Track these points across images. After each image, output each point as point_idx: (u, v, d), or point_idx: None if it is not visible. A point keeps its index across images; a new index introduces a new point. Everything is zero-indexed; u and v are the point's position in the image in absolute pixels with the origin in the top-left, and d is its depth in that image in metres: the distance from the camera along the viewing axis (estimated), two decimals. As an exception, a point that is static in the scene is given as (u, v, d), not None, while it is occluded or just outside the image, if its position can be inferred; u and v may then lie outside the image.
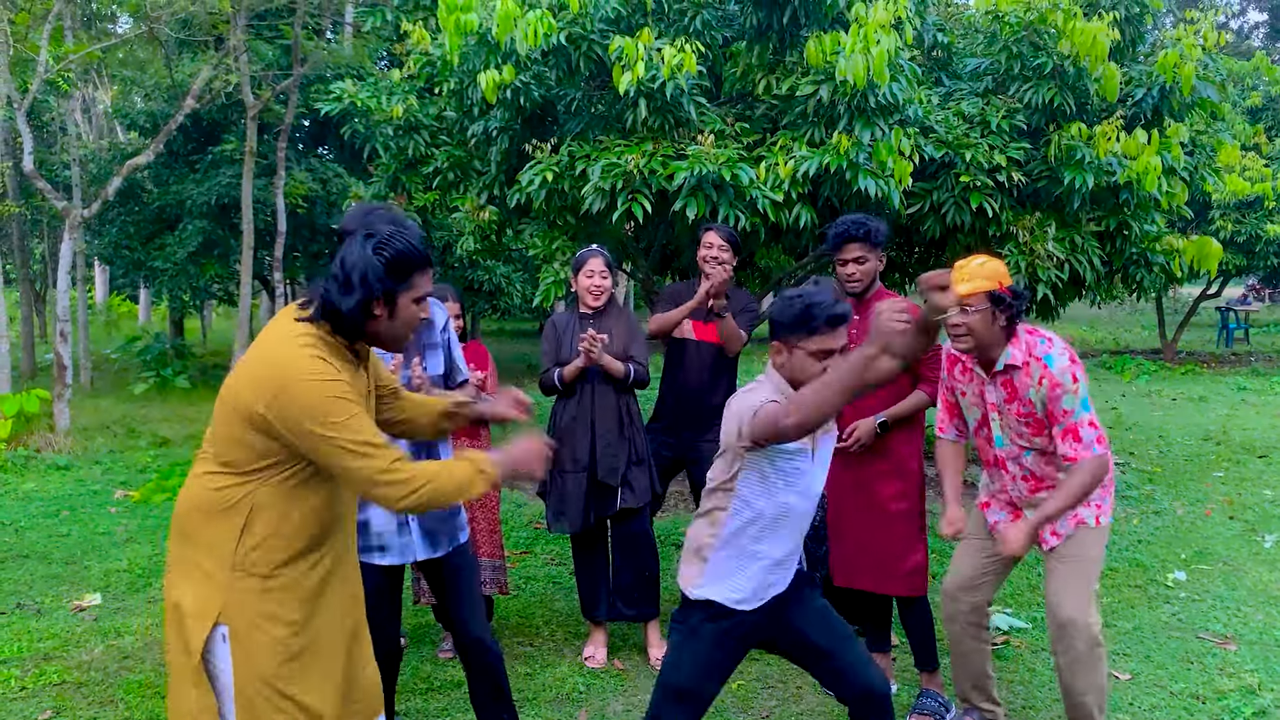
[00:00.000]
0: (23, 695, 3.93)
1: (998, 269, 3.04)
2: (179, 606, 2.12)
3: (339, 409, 2.03)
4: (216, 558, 2.10)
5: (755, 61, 5.73)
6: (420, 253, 2.18)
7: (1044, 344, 3.05)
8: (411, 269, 2.17)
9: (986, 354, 3.11)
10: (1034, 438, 3.11)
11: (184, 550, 2.16)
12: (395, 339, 2.22)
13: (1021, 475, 3.19)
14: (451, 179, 6.58)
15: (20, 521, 6.59)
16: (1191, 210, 6.99)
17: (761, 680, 3.98)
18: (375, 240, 2.13)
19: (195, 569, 2.12)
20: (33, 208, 16.19)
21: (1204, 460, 8.30)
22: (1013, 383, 3.10)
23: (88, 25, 14.42)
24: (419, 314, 2.23)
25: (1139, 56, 6.49)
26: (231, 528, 2.10)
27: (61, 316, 9.85)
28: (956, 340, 3.10)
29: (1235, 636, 4.41)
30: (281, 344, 2.10)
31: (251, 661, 2.09)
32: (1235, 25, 35.56)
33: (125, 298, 26.90)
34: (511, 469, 2.26)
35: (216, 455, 2.14)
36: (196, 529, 2.13)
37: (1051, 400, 3.01)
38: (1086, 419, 3.00)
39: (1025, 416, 3.10)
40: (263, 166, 13.27)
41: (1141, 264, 6.45)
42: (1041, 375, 3.02)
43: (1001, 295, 3.01)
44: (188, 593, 2.11)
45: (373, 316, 2.15)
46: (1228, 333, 18.85)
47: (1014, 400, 3.11)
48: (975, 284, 3.00)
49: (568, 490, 4.13)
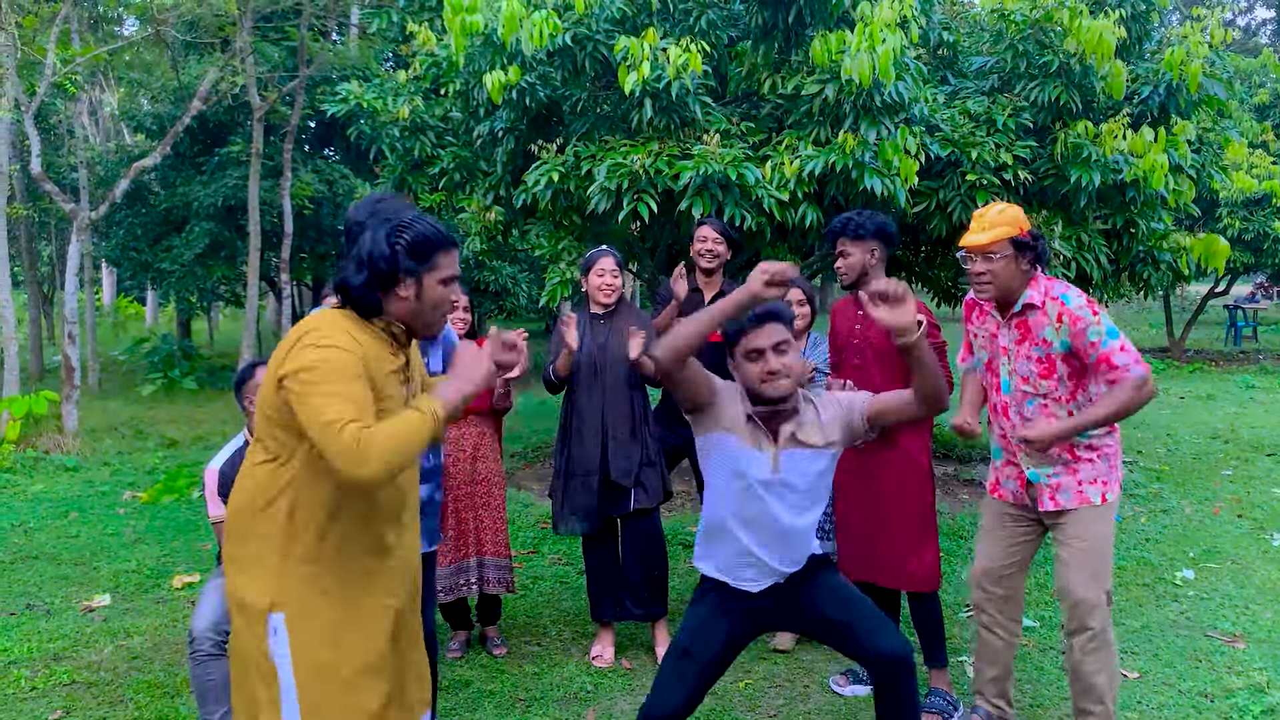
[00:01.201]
0: (33, 695, 3.94)
1: (1017, 214, 3.08)
2: (242, 601, 2.13)
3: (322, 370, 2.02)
4: (268, 545, 2.12)
5: (760, 61, 5.73)
6: (442, 234, 2.20)
7: (1060, 286, 3.08)
8: (433, 249, 2.18)
9: (1008, 298, 3.12)
10: (1041, 380, 3.10)
11: (238, 546, 2.17)
12: (426, 322, 2.23)
13: (1022, 424, 3.19)
14: (457, 180, 6.59)
15: (29, 522, 6.61)
16: (1199, 208, 6.97)
17: (769, 679, 3.98)
18: (394, 224, 2.15)
19: (250, 561, 2.14)
20: (40, 210, 16.26)
21: (1212, 458, 8.28)
22: (1027, 323, 3.10)
23: (94, 28, 14.46)
24: (448, 296, 2.23)
25: (1145, 54, 6.48)
26: (277, 512, 2.11)
27: (69, 318, 9.88)
28: (979, 289, 3.12)
29: (1244, 635, 4.40)
30: (309, 318, 2.14)
31: (307, 646, 2.10)
32: (1242, 22, 35.45)
33: (132, 299, 26.95)
34: (460, 387, 2.19)
35: (260, 445, 2.17)
36: (247, 522, 2.15)
37: (1076, 336, 3.00)
38: (1117, 345, 2.97)
39: (1037, 358, 3.09)
40: (269, 168, 13.31)
41: (1149, 262, 6.44)
42: (1060, 312, 3.02)
43: (1023, 240, 3.04)
44: (247, 586, 2.13)
45: (399, 299, 2.16)
46: (1236, 331, 18.78)
47: (1025, 341, 3.11)
48: (997, 231, 3.04)
49: (579, 491, 4.13)
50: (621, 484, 4.08)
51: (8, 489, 7.60)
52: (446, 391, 2.17)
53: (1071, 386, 3.09)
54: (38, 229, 19.01)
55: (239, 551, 2.17)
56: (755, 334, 2.68)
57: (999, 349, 3.21)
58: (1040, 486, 3.17)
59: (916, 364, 2.62)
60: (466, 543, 4.23)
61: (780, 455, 2.71)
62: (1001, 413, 3.25)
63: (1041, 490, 3.17)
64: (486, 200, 6.44)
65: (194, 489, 7.31)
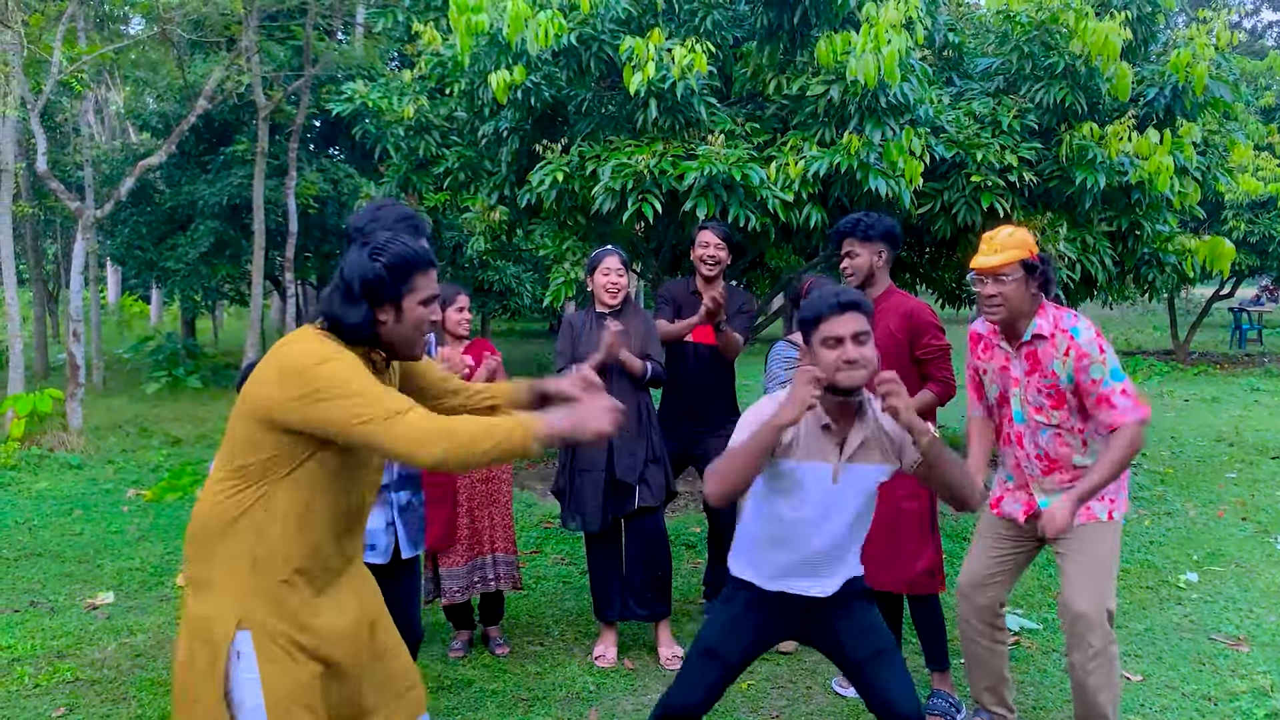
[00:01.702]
0: (36, 692, 3.95)
1: (1026, 238, 3.10)
2: (205, 623, 2.10)
3: (335, 373, 2.03)
4: (234, 564, 2.10)
5: (766, 61, 5.73)
6: (419, 254, 2.17)
7: (1070, 318, 3.09)
8: (412, 271, 2.16)
9: (1015, 324, 3.13)
10: (1053, 410, 3.11)
11: (201, 567, 2.15)
12: (406, 342, 2.21)
13: (1035, 454, 3.18)
14: (462, 179, 6.59)
15: (33, 520, 6.63)
16: (1204, 210, 6.97)
17: (771, 680, 3.98)
18: (371, 247, 2.14)
19: (215, 581, 2.12)
20: (46, 208, 16.28)
21: (1216, 461, 8.27)
22: (1037, 354, 3.11)
23: (100, 26, 14.47)
24: (428, 315, 2.22)
25: (1151, 56, 6.47)
26: (247, 532, 2.10)
27: (74, 316, 9.89)
28: (990, 311, 3.12)
29: (1248, 638, 4.39)
30: (291, 340, 2.13)
31: (277, 665, 2.08)
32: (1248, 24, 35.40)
33: (137, 298, 26.99)
34: (573, 427, 2.13)
35: (228, 464, 2.14)
36: (213, 541, 2.13)
37: (1079, 371, 3.01)
38: (1119, 387, 2.99)
39: (1047, 389, 3.10)
40: (274, 167, 13.32)
41: (1153, 264, 6.43)
42: (1068, 346, 3.03)
43: (1033, 263, 3.07)
44: (208, 605, 2.10)
45: (380, 322, 2.16)
46: (1240, 333, 18.75)
47: (1035, 372, 3.12)
48: (1007, 254, 3.06)
49: (585, 489, 4.14)
50: (626, 481, 4.09)
51: (12, 486, 7.62)
52: (560, 421, 2.12)
53: (1081, 417, 3.10)
54: (43, 227, 19.05)
55: (201, 572, 2.14)
56: (835, 321, 2.61)
57: (1010, 380, 3.21)
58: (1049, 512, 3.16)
59: (935, 480, 2.63)
60: (480, 540, 4.24)
61: (841, 469, 2.64)
62: (1016, 442, 3.24)
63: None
64: (491, 200, 6.44)
65: (198, 487, 7.31)
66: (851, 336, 2.57)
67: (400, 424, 2.01)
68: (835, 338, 2.58)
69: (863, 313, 2.61)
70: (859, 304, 2.61)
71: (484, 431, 2.04)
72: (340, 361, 2.06)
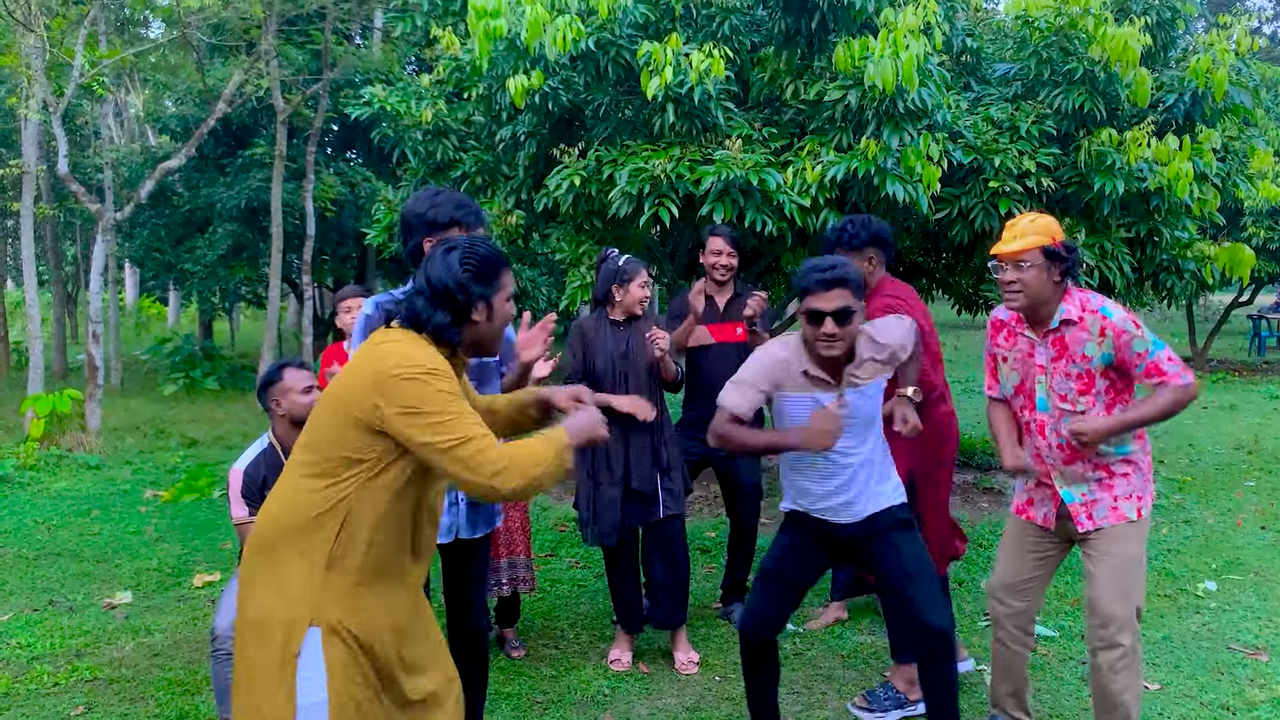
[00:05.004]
0: (55, 691, 3.98)
1: (1049, 224, 3.07)
2: (268, 619, 2.11)
3: (435, 394, 2.07)
4: (310, 563, 2.11)
5: (783, 66, 5.73)
6: (499, 254, 2.30)
7: (1097, 299, 3.07)
8: (499, 270, 2.28)
9: (1038, 311, 3.10)
10: (1080, 396, 3.07)
11: (269, 564, 2.15)
12: (494, 338, 2.32)
13: (1057, 443, 3.15)
14: (479, 183, 6.61)
15: (52, 520, 6.68)
16: (1223, 217, 6.89)
17: (785, 685, 3.97)
18: (460, 253, 2.23)
19: (286, 577, 2.12)
20: (66, 210, 16.42)
21: (1235, 469, 8.21)
22: (1064, 339, 3.07)
23: (121, 30, 14.60)
24: (511, 311, 2.33)
25: (1170, 62, 6.43)
26: (326, 532, 2.11)
27: (93, 318, 9.97)
28: (1009, 297, 3.10)
29: (1267, 647, 4.36)
30: (386, 343, 2.16)
31: (343, 664, 2.09)
32: (1268, 30, 35.17)
33: (155, 300, 27.17)
34: (579, 438, 2.27)
35: (309, 463, 2.16)
36: (287, 539, 2.13)
37: (1122, 349, 2.99)
38: (1164, 354, 2.99)
39: (1076, 375, 3.07)
40: (292, 170, 13.40)
41: (1172, 271, 6.39)
42: (1102, 326, 3.00)
43: (1055, 250, 3.03)
44: (276, 602, 2.11)
45: (473, 322, 2.24)
46: (1260, 341, 18.60)
47: (1062, 358, 3.09)
48: (1028, 240, 3.03)
49: (603, 501, 4.11)
50: (644, 490, 4.07)
51: (31, 486, 7.68)
52: (573, 434, 2.25)
53: (1109, 401, 3.07)
54: (63, 229, 19.21)
55: (272, 568, 2.14)
56: (820, 296, 2.77)
57: (1034, 368, 3.17)
58: (1075, 507, 3.14)
59: None
60: (498, 543, 4.25)
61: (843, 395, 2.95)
62: (1037, 432, 3.21)
63: (1077, 511, 3.14)
64: (508, 204, 6.45)
65: (215, 488, 7.36)
66: (833, 313, 2.72)
67: (482, 457, 2.07)
68: (817, 311, 2.80)
69: (849, 288, 2.75)
70: (846, 280, 2.74)
71: (532, 457, 2.12)
72: (442, 379, 2.10)
